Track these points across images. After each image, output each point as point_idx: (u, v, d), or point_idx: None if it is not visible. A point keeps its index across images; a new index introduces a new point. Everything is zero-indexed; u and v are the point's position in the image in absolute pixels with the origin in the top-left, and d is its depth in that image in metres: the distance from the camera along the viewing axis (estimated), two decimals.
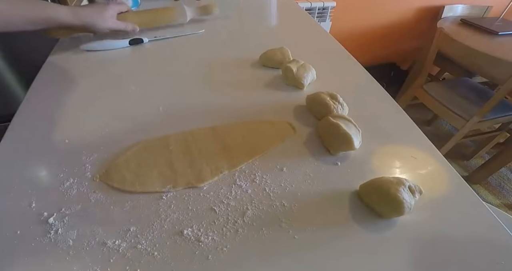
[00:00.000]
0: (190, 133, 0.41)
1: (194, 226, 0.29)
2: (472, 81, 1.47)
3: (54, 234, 0.28)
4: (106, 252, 0.27)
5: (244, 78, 0.53)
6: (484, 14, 1.71)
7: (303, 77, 0.49)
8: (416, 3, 1.72)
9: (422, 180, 0.35)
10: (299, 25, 0.80)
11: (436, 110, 1.36)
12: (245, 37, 0.71)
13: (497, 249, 0.29)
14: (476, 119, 1.19)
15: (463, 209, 0.32)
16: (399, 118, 0.45)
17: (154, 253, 0.27)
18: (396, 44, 1.92)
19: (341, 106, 0.43)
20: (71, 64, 0.58)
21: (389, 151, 0.39)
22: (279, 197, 0.33)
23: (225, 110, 0.45)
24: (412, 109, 1.13)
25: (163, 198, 0.32)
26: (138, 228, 0.29)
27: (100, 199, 0.32)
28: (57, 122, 0.43)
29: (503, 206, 1.37)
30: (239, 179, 0.34)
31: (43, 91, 0.49)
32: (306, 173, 0.35)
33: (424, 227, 0.30)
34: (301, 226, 0.30)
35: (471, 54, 1.16)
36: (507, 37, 1.37)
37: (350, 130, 0.37)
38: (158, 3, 0.83)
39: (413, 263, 0.27)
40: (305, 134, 0.41)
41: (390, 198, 0.29)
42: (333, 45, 0.67)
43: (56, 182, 0.33)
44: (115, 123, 0.42)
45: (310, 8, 1.35)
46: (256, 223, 0.30)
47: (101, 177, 0.34)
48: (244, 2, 0.93)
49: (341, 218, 0.31)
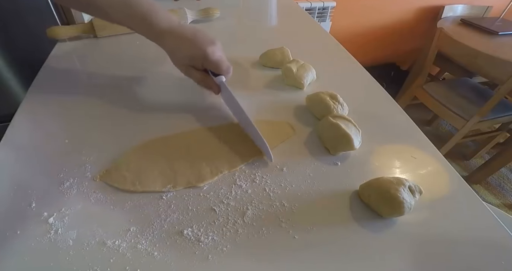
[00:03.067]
0: (190, 133, 0.41)
1: (194, 226, 0.29)
2: (472, 81, 1.47)
3: (54, 234, 0.28)
4: (106, 252, 0.27)
5: (244, 78, 0.53)
6: (484, 14, 1.71)
7: (303, 77, 0.49)
8: (416, 3, 1.72)
9: (422, 180, 0.35)
10: (299, 25, 0.80)
11: (436, 110, 1.36)
12: (245, 37, 0.71)
13: (497, 249, 0.29)
14: (476, 119, 1.19)
15: (463, 209, 0.32)
16: (399, 118, 0.45)
17: (154, 253, 0.27)
18: (396, 44, 1.92)
19: (341, 106, 0.43)
20: (71, 64, 0.58)
21: (389, 151, 0.39)
22: (279, 197, 0.33)
23: (225, 110, 0.45)
24: (412, 109, 1.13)
25: (163, 198, 0.32)
26: (138, 228, 0.29)
27: (100, 199, 0.32)
28: (57, 122, 0.43)
29: (503, 206, 1.37)
30: (239, 179, 0.34)
31: (43, 91, 0.49)
32: (306, 173, 0.35)
33: (424, 227, 0.30)
34: (301, 226, 0.30)
35: (471, 54, 1.16)
36: (507, 37, 1.37)
37: (350, 130, 0.37)
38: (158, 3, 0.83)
39: (413, 263, 0.27)
40: (305, 134, 0.41)
41: (390, 198, 0.29)
42: (333, 45, 0.67)
43: (56, 182, 0.33)
44: (115, 123, 0.42)
45: (310, 8, 1.35)
46: (256, 223, 0.30)
47: (101, 177, 0.34)
48: (244, 3, 0.93)
49: (341, 218, 0.31)
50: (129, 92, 0.49)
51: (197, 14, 0.75)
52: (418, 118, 1.75)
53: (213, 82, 0.43)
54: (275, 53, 0.56)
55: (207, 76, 0.43)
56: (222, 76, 0.42)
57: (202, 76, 0.43)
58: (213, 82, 0.43)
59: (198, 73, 0.43)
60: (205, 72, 0.44)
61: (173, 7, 0.73)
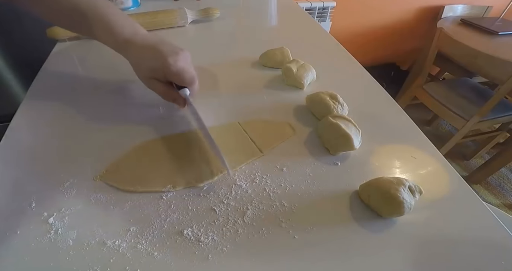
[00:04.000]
0: (190, 133, 0.41)
1: (194, 226, 0.29)
2: (472, 81, 1.47)
3: (54, 234, 0.28)
4: (106, 252, 0.27)
5: (244, 78, 0.53)
6: (484, 14, 1.71)
7: (303, 77, 0.49)
8: (416, 3, 1.72)
9: (422, 180, 0.35)
10: (299, 25, 0.80)
11: (436, 110, 1.36)
12: (245, 37, 0.71)
13: (497, 249, 0.29)
14: (476, 119, 1.19)
15: (463, 209, 0.32)
16: (399, 118, 0.45)
17: (154, 253, 0.27)
18: (396, 44, 1.92)
19: (341, 106, 0.43)
20: (70, 64, 0.58)
21: (389, 151, 0.39)
22: (279, 197, 0.33)
23: (225, 110, 0.45)
24: (412, 109, 1.13)
25: (163, 198, 0.32)
26: (138, 228, 0.29)
27: (100, 199, 0.32)
28: (57, 122, 0.43)
29: (503, 206, 1.37)
30: (239, 179, 0.34)
31: (43, 91, 0.49)
32: (306, 173, 0.35)
33: (424, 227, 0.30)
34: (301, 226, 0.30)
35: (471, 54, 1.16)
36: (507, 37, 1.37)
37: (350, 130, 0.37)
38: (158, 3, 0.84)
39: (413, 263, 0.27)
40: (305, 134, 0.41)
41: (390, 198, 0.29)
42: (333, 45, 0.67)
43: (56, 182, 0.33)
44: (115, 123, 0.42)
45: (310, 8, 1.35)
46: (256, 223, 0.30)
47: (101, 177, 0.34)
48: (244, 3, 0.93)
49: (341, 218, 0.31)
50: (130, 92, 0.49)
51: (197, 14, 0.75)
52: (418, 118, 1.75)
53: (177, 95, 0.40)
54: (275, 53, 0.56)
55: (170, 89, 0.41)
56: (186, 89, 0.40)
57: (164, 88, 0.40)
58: (178, 95, 0.40)
59: (160, 85, 0.40)
60: (169, 85, 0.41)
61: (173, 7, 0.73)
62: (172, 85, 0.41)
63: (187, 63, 0.39)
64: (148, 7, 0.81)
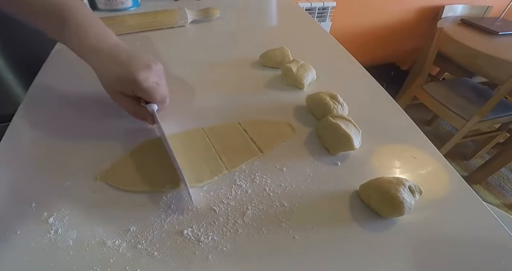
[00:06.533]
0: (189, 133, 0.41)
1: (194, 226, 0.29)
2: (472, 81, 1.47)
3: (54, 234, 0.28)
4: (106, 252, 0.27)
5: (244, 78, 0.53)
6: (484, 14, 1.71)
7: (303, 77, 0.49)
8: (416, 3, 1.72)
9: (422, 180, 0.35)
10: (299, 25, 0.80)
11: (436, 110, 1.36)
12: (245, 37, 0.71)
13: (497, 249, 0.29)
14: (476, 119, 1.19)
15: (463, 209, 0.32)
16: (399, 118, 0.45)
17: (154, 253, 0.27)
18: (396, 44, 1.92)
19: (341, 106, 0.43)
20: (71, 64, 0.57)
21: (389, 151, 0.39)
22: (279, 197, 0.33)
23: (225, 110, 0.45)
24: (412, 109, 1.13)
25: (163, 198, 0.32)
26: (138, 228, 0.29)
27: (100, 199, 0.32)
28: (57, 122, 0.43)
29: (503, 206, 1.37)
30: (239, 179, 0.34)
31: (43, 91, 0.49)
32: (306, 173, 0.35)
33: (424, 227, 0.30)
34: (301, 226, 0.30)
35: (471, 54, 1.16)
36: (507, 37, 1.37)
37: (350, 130, 0.37)
38: (158, 3, 0.84)
39: (413, 263, 0.27)
40: (305, 134, 0.41)
41: (390, 198, 0.29)
42: (333, 45, 0.67)
43: (56, 182, 0.33)
44: (115, 123, 0.42)
45: (310, 8, 1.35)
46: (256, 223, 0.30)
47: (101, 177, 0.34)
48: (244, 3, 0.93)
49: (341, 218, 0.31)
50: None
51: (197, 14, 0.75)
52: (418, 118, 1.75)
53: (146, 112, 0.38)
54: (275, 53, 0.56)
55: (138, 106, 0.38)
56: (154, 104, 0.37)
57: (132, 105, 0.37)
58: (147, 111, 0.38)
59: (127, 100, 0.37)
60: (137, 100, 0.38)
61: (173, 7, 0.73)
62: (140, 99, 0.39)
63: (160, 78, 0.37)
64: (148, 7, 0.81)
